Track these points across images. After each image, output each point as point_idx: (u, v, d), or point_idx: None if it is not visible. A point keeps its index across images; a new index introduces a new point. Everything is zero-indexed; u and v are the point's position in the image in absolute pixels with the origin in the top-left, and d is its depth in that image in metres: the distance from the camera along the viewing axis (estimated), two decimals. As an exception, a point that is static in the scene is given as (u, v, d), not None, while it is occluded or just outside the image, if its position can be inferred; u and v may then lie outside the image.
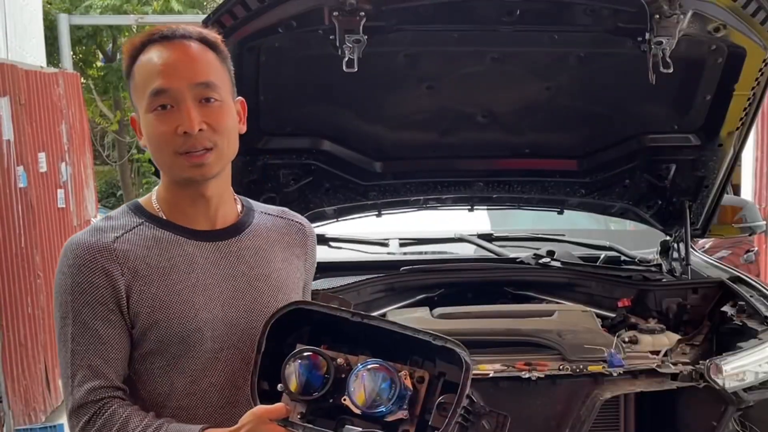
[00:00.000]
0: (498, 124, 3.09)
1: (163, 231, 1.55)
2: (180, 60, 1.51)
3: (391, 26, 2.57)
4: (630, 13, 2.55)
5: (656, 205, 3.42)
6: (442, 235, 3.70)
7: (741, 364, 2.60)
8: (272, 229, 1.67)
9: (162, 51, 1.52)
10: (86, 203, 6.62)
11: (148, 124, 1.51)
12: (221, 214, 1.60)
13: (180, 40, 1.53)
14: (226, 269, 1.58)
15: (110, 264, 1.50)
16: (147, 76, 1.51)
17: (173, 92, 1.49)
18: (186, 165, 1.51)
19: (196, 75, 1.51)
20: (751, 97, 2.91)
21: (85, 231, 1.55)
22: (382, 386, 1.42)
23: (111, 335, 1.50)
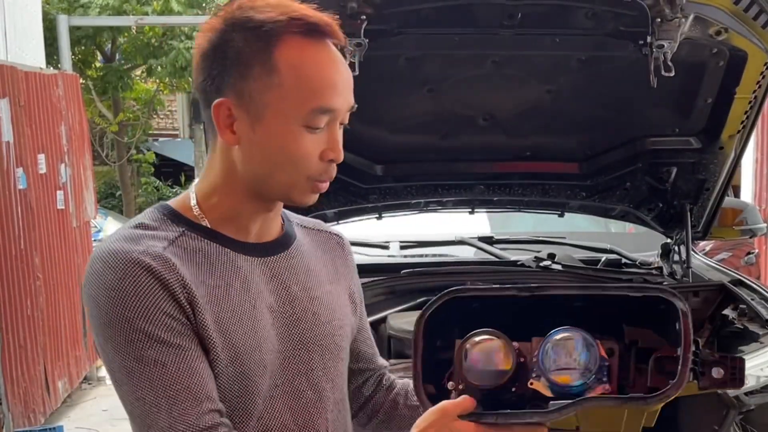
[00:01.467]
0: (499, 127, 3.09)
1: (209, 243, 1.30)
2: (343, 73, 1.29)
3: (392, 30, 2.57)
4: (631, 17, 2.55)
5: (657, 207, 3.42)
6: (443, 237, 3.69)
7: (742, 368, 2.60)
8: (313, 244, 1.47)
9: (320, 55, 1.27)
10: (86, 204, 6.62)
11: (289, 137, 1.26)
12: (272, 227, 1.39)
13: (330, 40, 1.29)
14: (277, 290, 1.35)
15: (170, 274, 1.23)
16: (309, 84, 1.25)
17: (334, 114, 1.28)
18: (308, 191, 1.31)
19: (351, 97, 1.31)
20: (753, 100, 2.91)
21: (118, 239, 1.26)
22: (582, 357, 1.27)
23: (196, 351, 1.23)
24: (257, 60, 1.25)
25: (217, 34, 1.28)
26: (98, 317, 1.23)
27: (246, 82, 1.26)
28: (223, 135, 1.29)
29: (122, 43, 13.34)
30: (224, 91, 1.27)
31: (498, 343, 1.30)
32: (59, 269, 5.91)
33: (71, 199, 6.23)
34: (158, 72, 12.85)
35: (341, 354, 1.43)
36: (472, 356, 1.30)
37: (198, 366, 1.22)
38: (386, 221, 3.49)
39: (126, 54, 13.48)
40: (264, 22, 1.25)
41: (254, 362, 1.28)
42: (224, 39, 1.27)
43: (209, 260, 1.29)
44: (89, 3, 11.43)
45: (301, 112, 1.25)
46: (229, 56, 1.26)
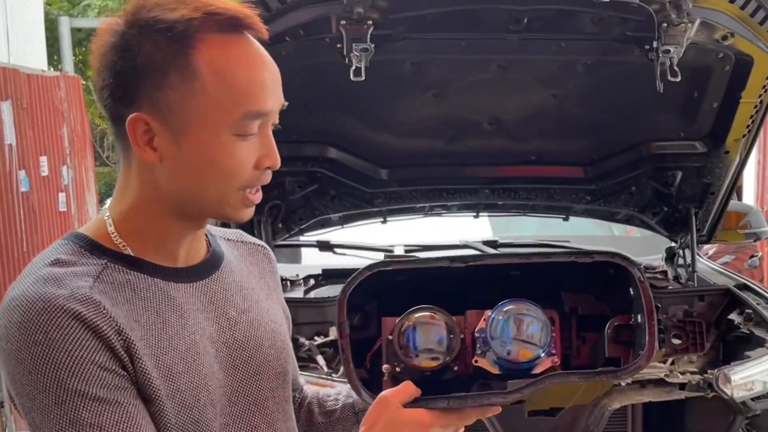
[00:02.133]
0: (504, 132, 3.08)
1: (135, 274, 1.14)
2: (271, 72, 1.15)
3: (398, 35, 2.57)
4: (637, 22, 2.54)
5: (662, 211, 3.41)
6: (448, 241, 3.69)
7: (749, 373, 2.60)
8: (240, 258, 1.33)
9: (243, 52, 1.13)
10: (87, 206, 6.61)
11: (218, 147, 1.12)
12: (199, 246, 1.24)
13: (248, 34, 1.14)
14: (216, 318, 1.21)
15: (101, 320, 1.07)
16: (238, 90, 1.11)
17: (269, 117, 1.15)
18: (242, 204, 1.16)
19: (282, 96, 1.17)
20: (758, 104, 2.90)
21: (36, 282, 1.08)
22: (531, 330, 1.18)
23: (136, 406, 1.08)
24: (173, 66, 1.09)
25: (120, 39, 1.12)
26: (21, 376, 1.05)
27: (163, 92, 1.10)
28: (142, 153, 1.13)
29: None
30: (138, 104, 1.11)
31: (441, 319, 1.21)
32: (61, 271, 5.90)
33: (73, 201, 6.23)
34: (159, 73, 12.83)
35: (287, 378, 1.31)
36: (415, 336, 1.21)
37: (139, 423, 1.07)
38: (391, 225, 3.48)
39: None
40: (175, 22, 1.09)
41: (203, 405, 1.15)
42: (130, 44, 1.10)
43: (139, 295, 1.13)
44: (89, 4, 11.43)
45: (231, 120, 1.11)
46: (139, 64, 1.10)
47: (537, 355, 1.20)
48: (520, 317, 1.20)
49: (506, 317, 1.20)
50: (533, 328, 1.20)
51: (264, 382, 1.24)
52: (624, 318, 1.24)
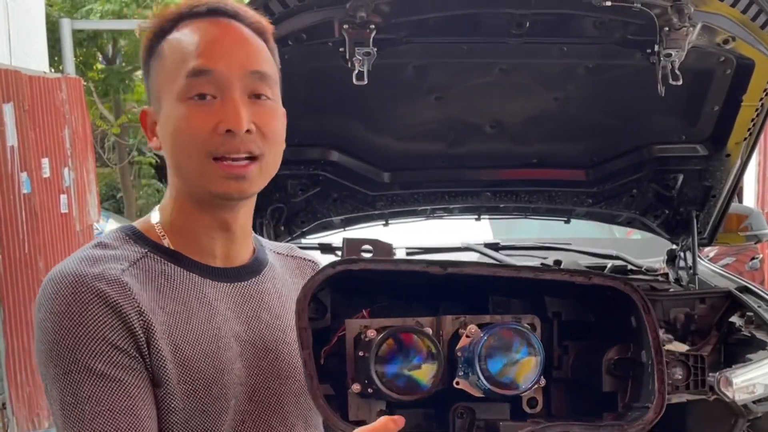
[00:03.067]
0: (506, 135, 3.09)
1: (172, 266, 1.19)
2: (231, 40, 1.17)
3: (400, 39, 2.57)
4: (639, 26, 2.55)
5: (663, 214, 3.42)
6: (450, 244, 3.70)
7: (751, 376, 2.61)
8: (286, 270, 1.35)
9: (208, 26, 1.17)
10: (89, 208, 6.62)
11: (178, 116, 1.15)
12: (240, 250, 1.27)
13: (232, 20, 1.18)
14: (247, 319, 1.23)
15: (124, 300, 1.11)
16: (183, 53, 1.15)
17: (219, 76, 1.14)
18: (222, 175, 1.15)
19: (249, 60, 1.16)
20: (759, 107, 2.91)
21: (75, 260, 1.14)
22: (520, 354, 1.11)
23: (139, 387, 1.11)
24: (152, 54, 1.20)
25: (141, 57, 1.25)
26: (42, 343, 1.12)
27: (150, 80, 1.21)
28: (150, 142, 1.24)
29: (123, 46, 13.34)
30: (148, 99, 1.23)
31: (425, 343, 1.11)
32: (63, 273, 5.91)
33: (75, 202, 6.23)
34: (159, 74, 12.83)
35: None
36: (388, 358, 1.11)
37: (136, 404, 1.10)
38: (393, 228, 3.49)
39: (127, 56, 13.48)
40: (167, 20, 1.19)
41: (213, 397, 1.16)
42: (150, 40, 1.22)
43: (172, 285, 1.18)
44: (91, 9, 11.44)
45: (176, 84, 1.15)
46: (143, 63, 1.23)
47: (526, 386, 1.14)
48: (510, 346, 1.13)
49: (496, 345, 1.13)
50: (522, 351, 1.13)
51: (288, 387, 1.25)
52: (621, 349, 1.15)
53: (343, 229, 3.38)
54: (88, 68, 13.44)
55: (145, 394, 1.12)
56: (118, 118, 14.15)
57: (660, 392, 1.10)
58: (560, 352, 1.19)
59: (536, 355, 1.13)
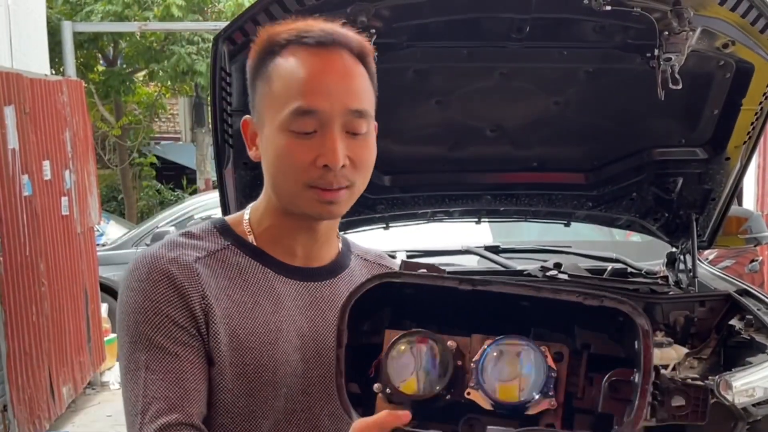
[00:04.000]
0: (506, 139, 3.10)
1: (249, 260, 1.30)
2: (335, 77, 1.24)
3: (401, 43, 2.59)
4: (639, 30, 2.56)
5: (663, 217, 3.43)
6: (450, 247, 3.70)
7: (751, 380, 2.61)
8: (368, 275, 1.33)
9: (313, 59, 1.24)
10: (90, 210, 6.62)
11: (279, 145, 1.24)
12: (322, 253, 1.35)
13: (338, 50, 1.25)
14: (313, 317, 1.31)
15: (190, 284, 1.23)
16: (290, 86, 1.23)
17: (321, 116, 1.22)
18: (315, 200, 1.25)
19: (350, 99, 1.24)
20: (759, 111, 2.92)
21: (161, 244, 1.29)
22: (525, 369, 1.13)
23: (192, 362, 1.22)
24: (259, 74, 1.28)
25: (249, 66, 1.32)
26: (119, 314, 1.26)
27: (254, 95, 1.30)
28: (249, 150, 1.33)
29: (124, 48, 13.35)
30: (250, 109, 1.33)
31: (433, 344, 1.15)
32: (64, 275, 5.92)
33: (76, 205, 6.23)
34: (160, 76, 12.86)
35: None
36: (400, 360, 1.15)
37: (186, 377, 1.21)
38: (393, 231, 3.50)
39: (128, 58, 13.49)
40: (277, 43, 1.26)
41: (263, 383, 1.25)
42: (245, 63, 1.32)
43: (244, 277, 1.28)
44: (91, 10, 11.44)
45: (284, 116, 1.23)
46: (251, 77, 1.31)
47: (530, 398, 1.14)
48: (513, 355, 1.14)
49: (497, 356, 1.15)
50: (527, 368, 1.14)
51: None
52: (624, 372, 1.16)
53: (344, 232, 3.37)
54: (89, 70, 13.44)
55: (197, 369, 1.22)
56: (118, 120, 14.17)
57: (639, 408, 1.11)
58: (586, 383, 1.19)
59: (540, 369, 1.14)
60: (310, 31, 1.25)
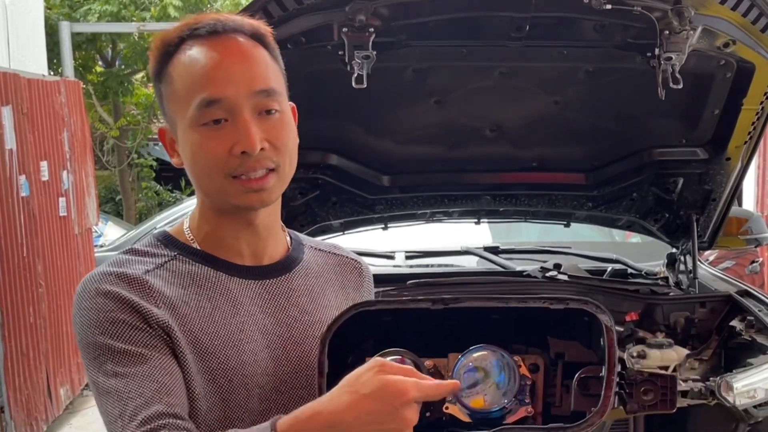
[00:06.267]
0: (506, 138, 3.09)
1: (199, 266, 1.28)
2: (234, 61, 1.21)
3: (400, 42, 2.57)
4: (639, 29, 2.55)
5: (663, 218, 3.41)
6: (449, 248, 3.69)
7: (752, 381, 2.60)
8: (324, 267, 1.41)
9: (209, 49, 1.21)
10: (87, 211, 6.61)
11: (193, 142, 1.22)
12: (269, 249, 1.33)
13: (231, 35, 1.23)
14: (275, 313, 1.29)
15: (142, 296, 1.21)
16: (191, 81, 1.21)
17: (228, 103, 1.20)
18: (242, 190, 1.23)
19: (254, 80, 1.22)
20: (760, 111, 2.91)
21: (106, 264, 1.26)
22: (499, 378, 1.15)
23: (161, 360, 1.18)
24: (160, 77, 1.26)
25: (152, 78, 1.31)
26: (78, 340, 1.23)
27: (161, 100, 1.28)
28: (171, 158, 1.32)
29: (122, 48, 13.33)
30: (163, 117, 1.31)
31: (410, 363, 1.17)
32: (61, 276, 5.90)
33: (73, 205, 6.22)
34: (159, 77, 12.82)
35: None
36: None
37: (157, 373, 1.17)
38: (392, 231, 3.48)
39: (126, 59, 13.46)
40: (170, 44, 1.25)
41: (235, 386, 1.23)
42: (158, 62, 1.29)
43: (197, 283, 1.26)
44: (89, 10, 11.42)
45: (191, 112, 1.21)
46: (155, 86, 1.30)
47: (503, 405, 1.16)
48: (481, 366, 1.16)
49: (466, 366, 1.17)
50: (498, 377, 1.16)
51: (314, 379, 1.28)
52: (593, 369, 1.19)
53: (342, 233, 3.37)
54: (87, 71, 13.42)
55: (167, 366, 1.18)
56: (117, 121, 14.14)
57: (605, 398, 1.15)
58: (563, 390, 1.22)
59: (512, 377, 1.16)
60: (200, 23, 1.24)
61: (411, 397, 1.01)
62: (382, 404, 1.01)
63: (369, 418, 1.01)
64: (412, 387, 1.01)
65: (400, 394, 1.01)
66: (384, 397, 1.01)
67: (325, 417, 1.04)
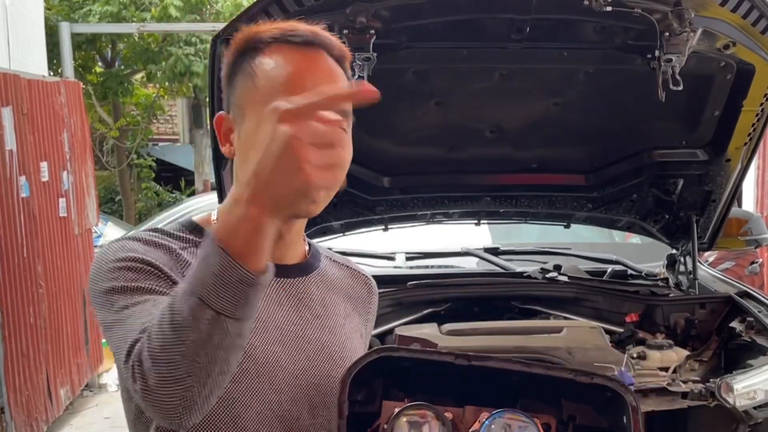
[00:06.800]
0: (506, 140, 3.09)
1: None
2: (320, 75, 1.23)
3: (400, 44, 2.58)
4: (639, 31, 2.56)
5: (663, 219, 3.42)
6: (449, 249, 3.69)
7: (752, 382, 2.60)
8: (338, 277, 1.43)
9: (299, 57, 1.23)
10: (87, 211, 6.60)
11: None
12: (290, 252, 1.35)
13: (321, 50, 1.25)
14: (288, 312, 1.32)
15: (172, 261, 1.22)
16: (276, 80, 1.22)
17: None
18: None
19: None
20: (760, 112, 2.92)
21: (129, 234, 1.27)
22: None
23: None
24: (240, 68, 1.27)
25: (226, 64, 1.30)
26: (90, 294, 1.23)
27: (233, 90, 1.29)
28: (222, 147, 1.31)
29: (122, 49, 13.33)
30: (225, 106, 1.31)
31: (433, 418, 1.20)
32: (61, 277, 5.90)
33: (73, 206, 6.22)
34: (158, 77, 12.84)
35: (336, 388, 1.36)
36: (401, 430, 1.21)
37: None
38: (392, 232, 3.48)
39: (126, 59, 13.46)
40: (261, 40, 1.26)
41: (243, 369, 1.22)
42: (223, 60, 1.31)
43: None
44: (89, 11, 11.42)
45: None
46: (229, 74, 1.30)
47: None
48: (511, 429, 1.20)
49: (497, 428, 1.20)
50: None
51: (320, 377, 1.30)
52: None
53: (343, 234, 3.37)
54: (87, 71, 13.41)
55: None
56: (116, 121, 14.14)
57: None
58: None
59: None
60: (296, 30, 1.25)
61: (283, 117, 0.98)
62: (262, 148, 0.99)
63: (257, 165, 0.99)
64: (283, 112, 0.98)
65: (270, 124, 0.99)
66: (262, 141, 0.99)
67: (233, 192, 1.06)
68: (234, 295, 1.02)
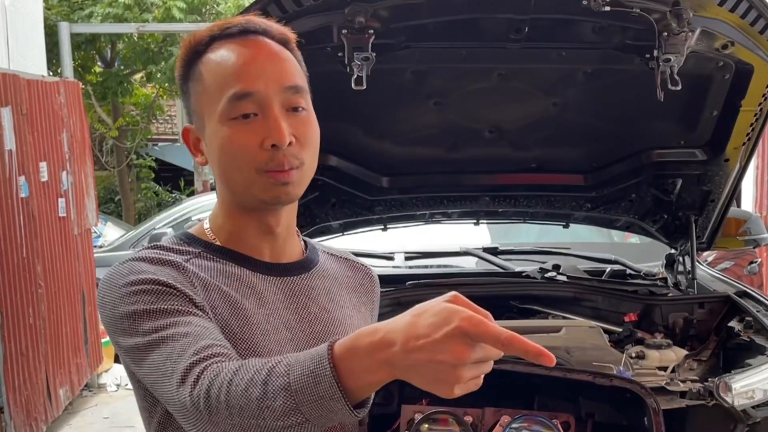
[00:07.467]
0: (505, 140, 3.10)
1: (224, 262, 1.30)
2: (265, 59, 1.25)
3: (399, 44, 2.58)
4: (638, 31, 2.56)
5: (662, 219, 3.42)
6: (448, 248, 3.69)
7: (750, 381, 2.60)
8: (338, 270, 1.44)
9: (240, 47, 1.26)
10: (87, 212, 6.60)
11: (223, 136, 1.24)
12: (287, 249, 1.36)
13: (261, 36, 1.27)
14: (297, 310, 1.32)
15: (182, 276, 1.22)
16: (223, 76, 1.24)
17: (259, 97, 1.23)
18: (271, 183, 1.24)
19: (283, 77, 1.25)
20: (758, 113, 2.92)
21: (132, 254, 1.27)
22: None
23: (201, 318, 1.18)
24: (189, 76, 1.29)
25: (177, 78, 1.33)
26: (104, 319, 1.22)
27: (189, 99, 1.31)
28: (195, 158, 1.34)
29: (121, 49, 13.34)
30: (189, 117, 1.33)
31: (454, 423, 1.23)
32: (61, 277, 5.90)
33: (73, 206, 6.22)
34: (157, 77, 12.85)
35: None
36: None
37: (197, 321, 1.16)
38: (391, 232, 3.49)
39: (125, 59, 13.47)
40: (201, 42, 1.29)
41: None
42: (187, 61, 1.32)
43: (224, 275, 1.28)
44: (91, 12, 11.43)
45: (222, 106, 1.24)
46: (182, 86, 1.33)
47: None
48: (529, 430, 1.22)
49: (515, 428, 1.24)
50: None
51: None
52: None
53: (342, 234, 3.37)
54: (87, 71, 13.42)
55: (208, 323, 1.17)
56: (116, 121, 14.15)
57: None
58: None
59: None
60: (230, 23, 1.28)
61: (466, 324, 0.95)
62: (435, 329, 0.95)
63: (420, 343, 0.95)
64: (470, 317, 0.95)
65: (455, 314, 0.95)
66: (438, 323, 0.95)
67: (380, 335, 0.98)
68: (329, 416, 1.02)
